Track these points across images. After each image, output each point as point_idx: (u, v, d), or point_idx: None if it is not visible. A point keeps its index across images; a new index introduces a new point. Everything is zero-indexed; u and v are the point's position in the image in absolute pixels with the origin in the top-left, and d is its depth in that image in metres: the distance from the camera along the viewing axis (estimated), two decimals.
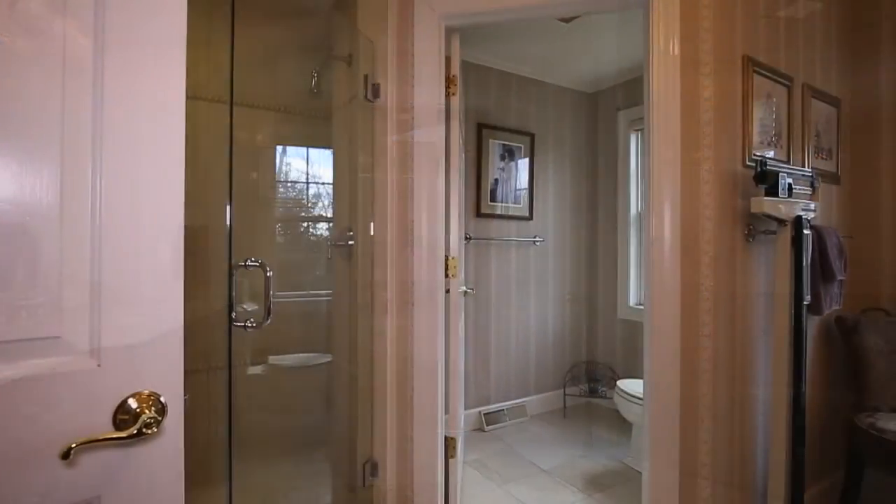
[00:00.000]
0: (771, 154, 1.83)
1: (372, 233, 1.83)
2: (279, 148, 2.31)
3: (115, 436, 0.65)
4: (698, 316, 1.60)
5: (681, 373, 1.60)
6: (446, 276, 1.93)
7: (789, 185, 1.68)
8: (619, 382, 2.56)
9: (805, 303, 1.67)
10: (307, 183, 2.37)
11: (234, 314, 1.23)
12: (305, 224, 2.45)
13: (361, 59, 1.83)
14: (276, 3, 2.22)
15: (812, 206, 1.74)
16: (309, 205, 2.42)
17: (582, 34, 2.71)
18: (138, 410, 0.68)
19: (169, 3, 0.72)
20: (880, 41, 2.16)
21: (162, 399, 0.72)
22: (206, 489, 2.05)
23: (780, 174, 1.63)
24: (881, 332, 1.99)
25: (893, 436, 1.70)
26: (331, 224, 2.42)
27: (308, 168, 2.36)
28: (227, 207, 1.42)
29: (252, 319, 1.25)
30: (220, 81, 2.16)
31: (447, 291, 1.91)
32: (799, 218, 1.65)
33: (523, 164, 3.23)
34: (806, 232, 1.67)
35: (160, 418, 0.70)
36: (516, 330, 3.23)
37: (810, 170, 1.85)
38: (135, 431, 0.65)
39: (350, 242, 1.98)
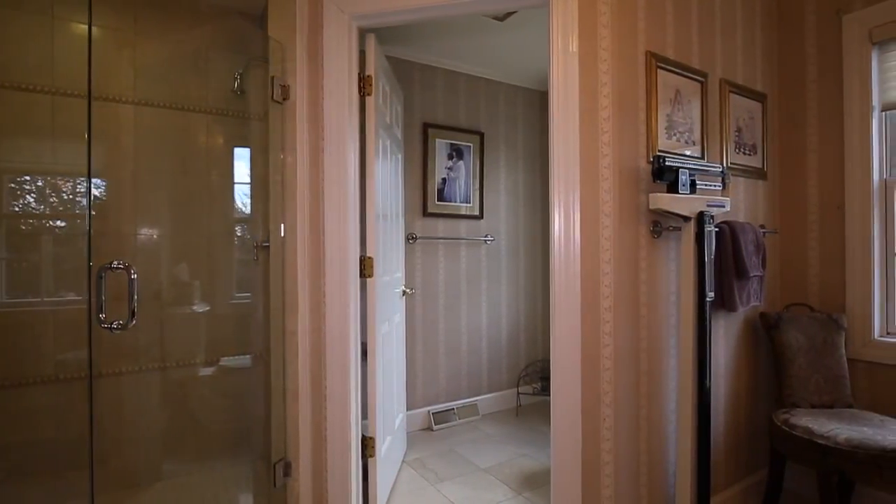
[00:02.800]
0: (687, 151, 1.82)
1: (283, 234, 1.84)
2: (208, 150, 2.31)
3: None
4: (599, 313, 1.60)
5: (581, 372, 1.59)
6: (363, 275, 1.94)
7: (692, 181, 1.67)
8: None
9: (708, 299, 1.66)
10: (235, 183, 2.37)
11: (102, 315, 1.23)
12: (238, 226, 2.45)
13: (271, 61, 1.83)
14: (196, 7, 2.23)
15: (722, 201, 1.73)
16: (242, 206, 2.42)
17: (520, 31, 2.70)
18: None
19: None
20: (804, 37, 2.14)
21: None
22: (128, 492, 2.07)
23: (681, 170, 1.63)
24: (802, 329, 1.98)
25: (803, 432, 1.69)
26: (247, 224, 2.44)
27: (236, 169, 2.36)
28: (88, 212, 1.42)
29: (118, 321, 1.25)
30: (146, 82, 2.17)
31: (363, 291, 1.92)
32: (701, 214, 1.64)
33: (473, 163, 3.23)
34: (710, 228, 1.66)
35: None
36: (468, 329, 3.23)
37: (719, 165, 1.84)
38: None
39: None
